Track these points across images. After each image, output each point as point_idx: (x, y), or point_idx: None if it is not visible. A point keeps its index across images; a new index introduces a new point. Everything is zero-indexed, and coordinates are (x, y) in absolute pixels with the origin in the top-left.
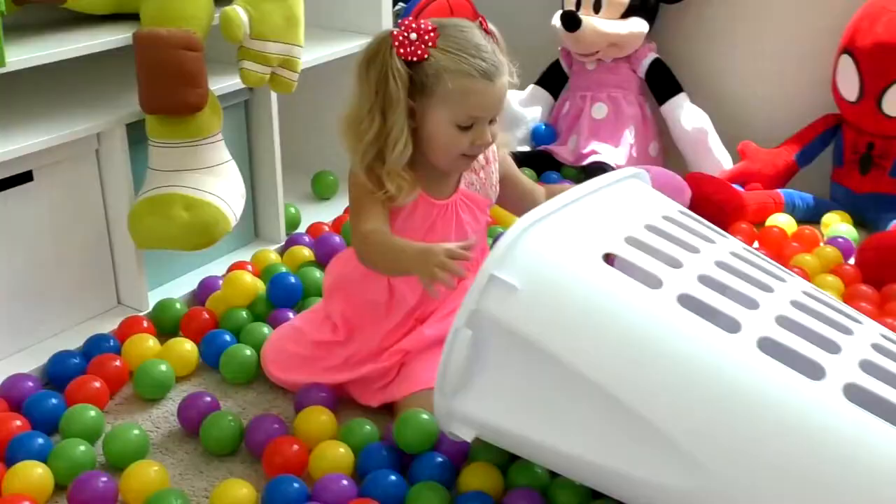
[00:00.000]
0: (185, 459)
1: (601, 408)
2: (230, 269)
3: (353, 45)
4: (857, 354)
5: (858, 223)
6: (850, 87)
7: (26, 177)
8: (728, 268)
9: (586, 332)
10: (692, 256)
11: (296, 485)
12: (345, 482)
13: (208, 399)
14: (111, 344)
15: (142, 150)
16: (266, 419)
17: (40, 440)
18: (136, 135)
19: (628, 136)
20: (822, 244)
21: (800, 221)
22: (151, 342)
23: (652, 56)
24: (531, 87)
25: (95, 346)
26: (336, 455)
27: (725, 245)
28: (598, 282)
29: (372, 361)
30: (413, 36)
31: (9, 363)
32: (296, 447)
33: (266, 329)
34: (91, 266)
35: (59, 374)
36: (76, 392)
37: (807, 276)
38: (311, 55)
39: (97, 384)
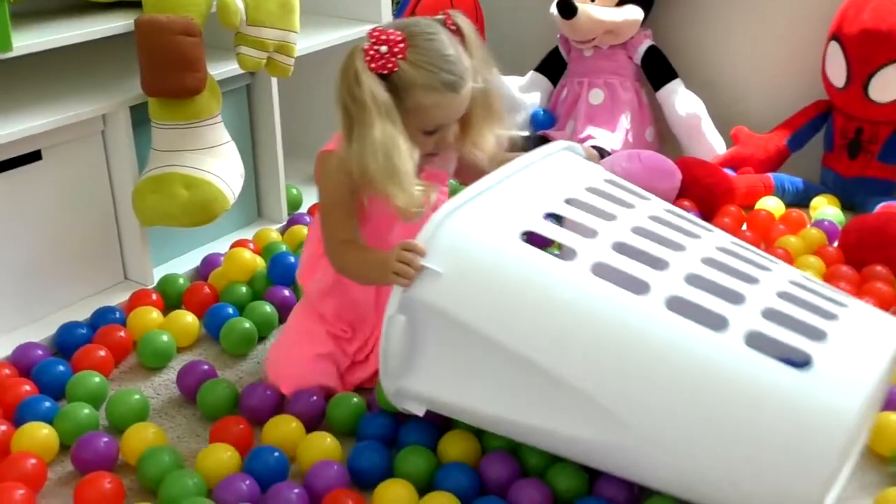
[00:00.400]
0: (182, 424)
1: (525, 373)
2: (232, 247)
3: (354, 31)
4: (761, 303)
5: (847, 207)
6: (838, 73)
7: (35, 156)
8: (644, 232)
9: (505, 306)
10: (609, 225)
11: (276, 454)
12: (336, 467)
13: (206, 367)
14: (117, 316)
15: (145, 131)
16: (259, 387)
17: (47, 403)
18: (140, 116)
19: (624, 122)
20: (808, 227)
21: (790, 205)
22: (155, 314)
23: (648, 43)
24: (531, 73)
25: (102, 317)
26: (324, 444)
27: (645, 210)
28: (515, 259)
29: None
30: (384, 49)
31: (20, 334)
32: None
33: (268, 307)
34: (98, 242)
35: (66, 343)
36: (82, 360)
37: (790, 257)
38: (311, 41)
39: (102, 352)
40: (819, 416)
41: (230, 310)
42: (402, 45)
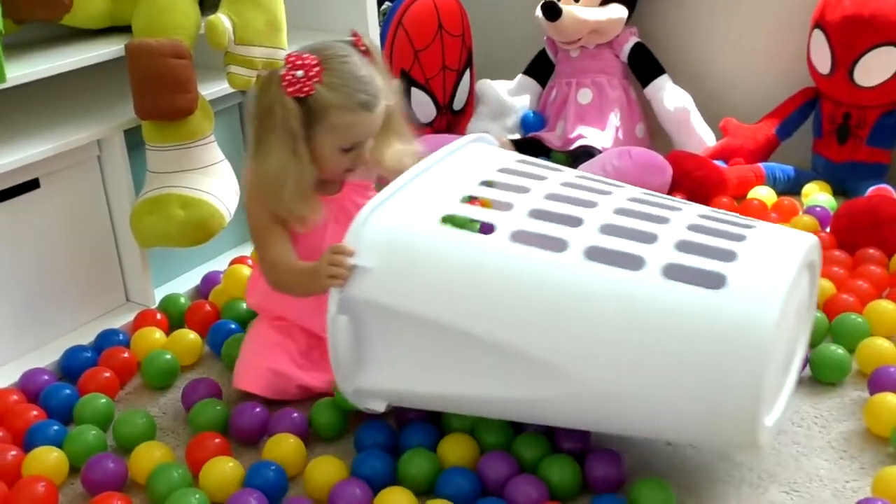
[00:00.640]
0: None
1: (468, 347)
2: (231, 264)
3: None
4: (673, 238)
5: (839, 192)
6: (822, 60)
7: (33, 184)
8: (557, 197)
9: (437, 287)
10: (523, 197)
11: (273, 468)
12: (358, 491)
13: (210, 385)
14: (120, 338)
15: (140, 154)
16: (247, 406)
17: (55, 427)
18: (134, 140)
19: (614, 120)
20: (800, 213)
21: (782, 193)
22: (158, 334)
23: (633, 40)
24: (519, 76)
25: (106, 340)
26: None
27: (557, 179)
28: (438, 242)
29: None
30: (300, 73)
31: (25, 360)
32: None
33: None
34: (99, 266)
35: (72, 367)
36: (88, 383)
37: None
38: None
39: (107, 374)
40: (737, 329)
41: (232, 326)
42: (317, 69)
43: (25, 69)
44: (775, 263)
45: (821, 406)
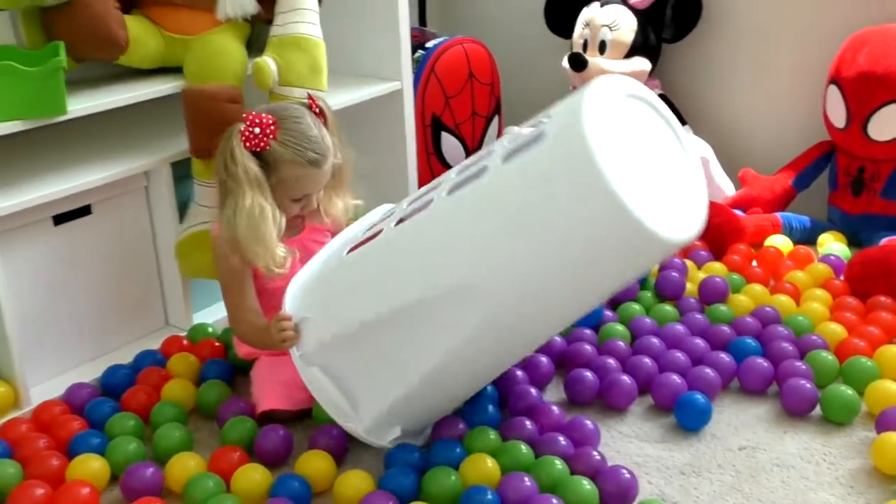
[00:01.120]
0: None
1: (410, 318)
2: None
3: (376, 89)
4: (500, 153)
5: (853, 243)
6: (838, 114)
7: (86, 210)
8: (419, 201)
9: (354, 295)
10: (393, 216)
11: (296, 483)
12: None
13: (242, 404)
14: (157, 358)
15: (184, 186)
16: (273, 429)
17: (97, 439)
18: (179, 172)
19: None
20: (815, 262)
21: (797, 242)
22: (192, 359)
23: (656, 92)
24: None
25: (143, 360)
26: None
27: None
28: (340, 269)
29: None
30: (257, 130)
31: (70, 375)
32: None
33: None
34: (142, 290)
35: (112, 383)
36: (129, 399)
37: (798, 290)
38: (338, 99)
39: (144, 394)
40: (573, 164)
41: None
42: (272, 127)
43: (84, 103)
44: (573, 109)
45: (830, 444)
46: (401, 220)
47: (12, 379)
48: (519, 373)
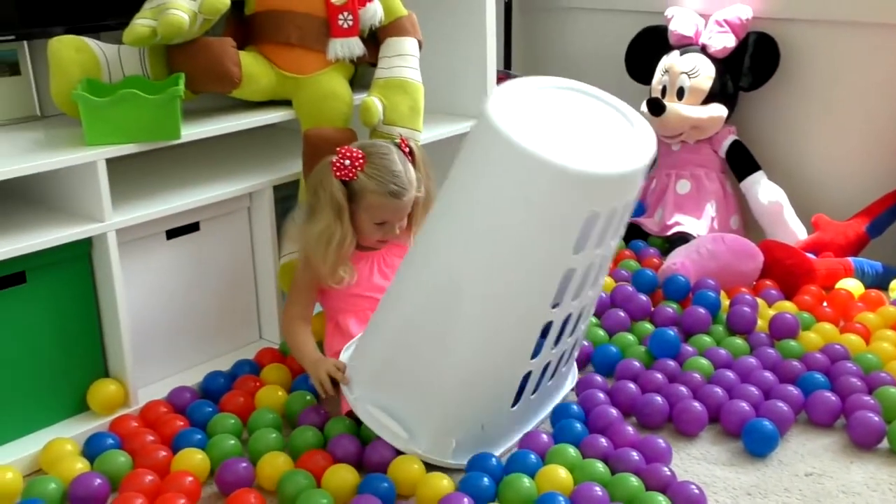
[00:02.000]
0: None
1: (405, 343)
2: None
3: (464, 126)
4: None
5: None
6: None
7: (194, 227)
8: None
9: (373, 335)
10: None
11: (385, 484)
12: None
13: (322, 412)
14: (253, 367)
15: (282, 208)
16: (343, 438)
17: (198, 436)
18: (279, 195)
19: (710, 210)
20: (886, 305)
21: (869, 287)
22: (285, 369)
23: (732, 138)
24: None
25: (240, 368)
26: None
27: None
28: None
29: None
30: (346, 162)
31: (173, 379)
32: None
33: None
34: (240, 304)
35: (210, 388)
36: (227, 402)
37: (868, 331)
38: (427, 134)
39: (241, 399)
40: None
41: None
42: (361, 161)
43: (197, 129)
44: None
45: None
46: None
47: (123, 379)
48: (601, 394)
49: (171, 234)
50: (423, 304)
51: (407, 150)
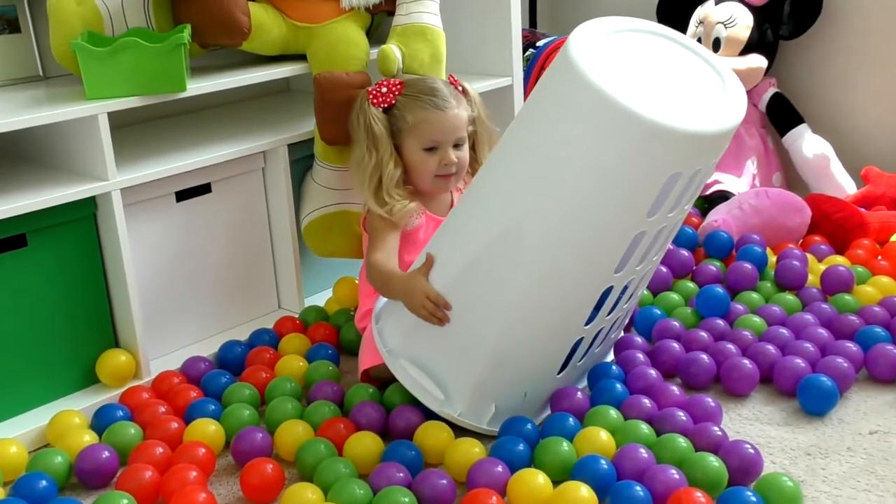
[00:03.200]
0: None
1: (456, 291)
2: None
3: (488, 83)
4: None
5: None
6: None
7: (206, 188)
8: None
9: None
10: None
11: (412, 452)
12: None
13: (335, 388)
14: (271, 337)
15: (299, 168)
16: (366, 405)
17: (212, 406)
18: (295, 155)
19: (751, 167)
20: None
21: None
22: (304, 339)
23: (772, 90)
24: None
25: (257, 338)
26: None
27: None
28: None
29: None
30: (384, 89)
31: (188, 350)
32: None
33: None
34: (256, 271)
35: (227, 358)
36: (246, 375)
37: None
38: None
39: (261, 372)
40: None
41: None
42: (398, 86)
43: (206, 83)
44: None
45: None
46: None
47: (134, 350)
48: (640, 355)
49: (181, 195)
50: (483, 248)
51: (460, 88)
